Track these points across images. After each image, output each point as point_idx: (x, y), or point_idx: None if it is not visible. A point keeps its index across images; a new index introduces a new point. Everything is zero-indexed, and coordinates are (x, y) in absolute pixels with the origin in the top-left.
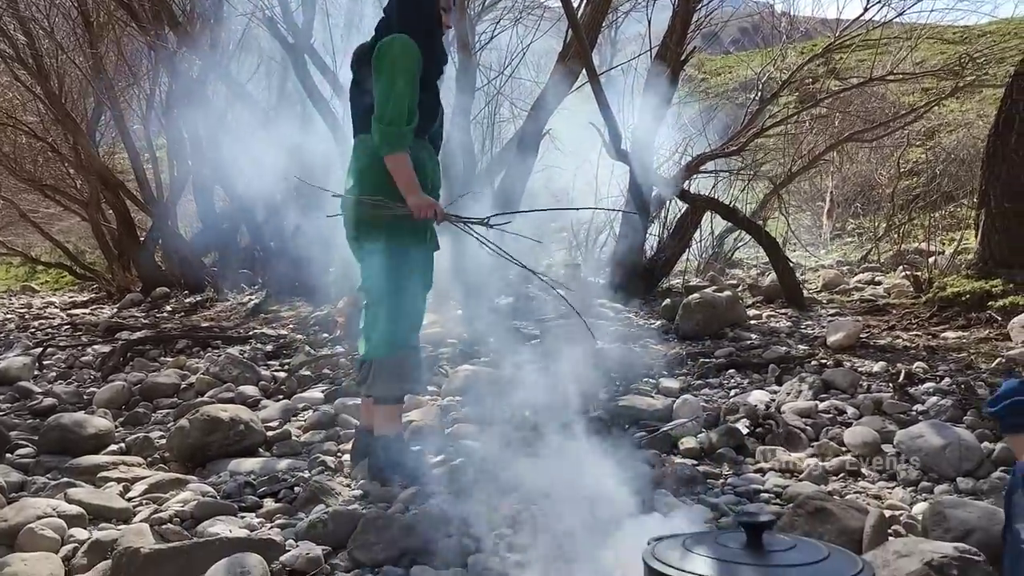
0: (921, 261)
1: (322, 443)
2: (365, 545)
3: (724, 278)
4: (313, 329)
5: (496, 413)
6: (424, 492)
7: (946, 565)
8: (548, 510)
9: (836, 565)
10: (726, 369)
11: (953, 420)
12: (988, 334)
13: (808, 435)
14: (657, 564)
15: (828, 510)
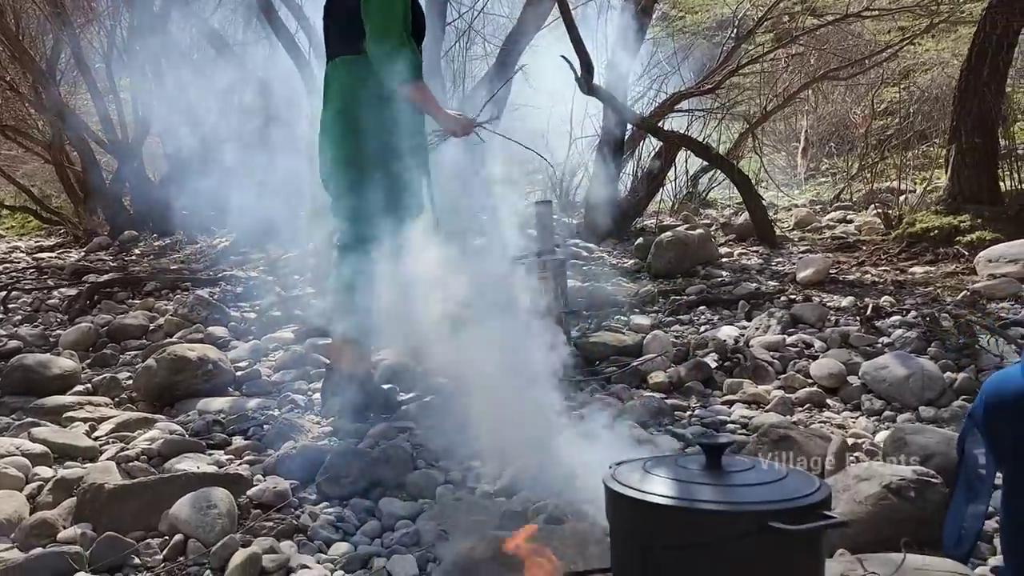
0: (892, 199)
1: (292, 382)
2: (333, 479)
3: (698, 218)
4: (284, 271)
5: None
6: (394, 428)
7: (904, 487)
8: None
9: (793, 483)
10: (697, 306)
11: (918, 351)
12: (955, 268)
13: (775, 368)
14: (617, 486)
15: (791, 438)
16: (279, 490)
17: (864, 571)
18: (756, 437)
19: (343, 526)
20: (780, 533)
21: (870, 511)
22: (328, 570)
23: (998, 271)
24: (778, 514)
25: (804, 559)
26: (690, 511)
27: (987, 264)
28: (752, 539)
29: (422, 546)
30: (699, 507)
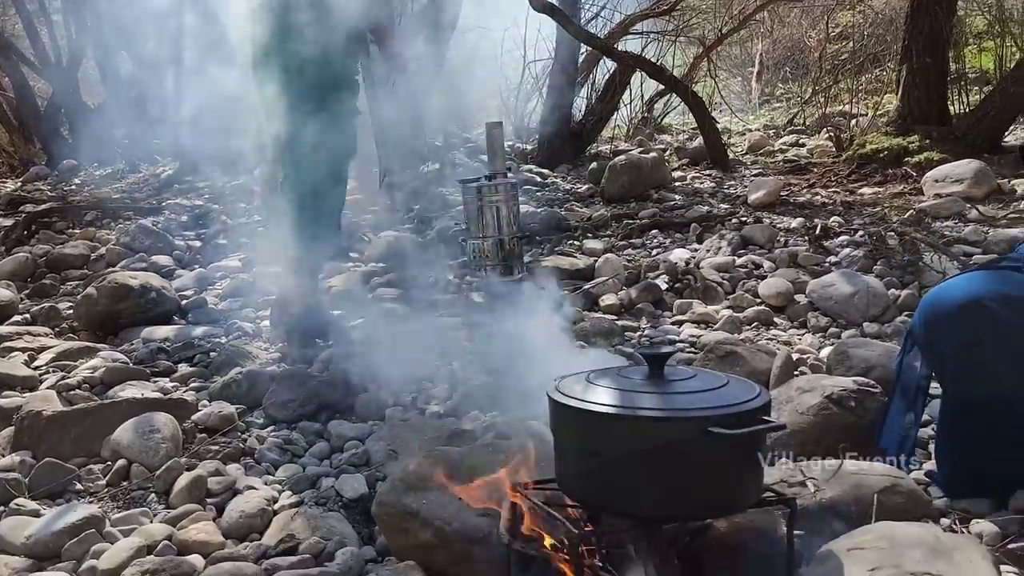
0: (844, 123)
1: (240, 310)
2: (280, 402)
3: (653, 143)
4: (230, 199)
5: (418, 277)
6: (343, 353)
7: (844, 397)
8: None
9: (733, 390)
10: (649, 229)
11: (864, 270)
12: (903, 189)
13: (725, 288)
14: (560, 397)
15: (738, 354)
16: (225, 414)
17: (803, 476)
18: (703, 354)
19: (291, 448)
20: (720, 437)
21: (812, 421)
22: (276, 491)
23: (944, 191)
24: (718, 419)
25: (744, 462)
26: (632, 418)
27: (934, 184)
28: (693, 444)
29: (371, 466)
30: (640, 414)
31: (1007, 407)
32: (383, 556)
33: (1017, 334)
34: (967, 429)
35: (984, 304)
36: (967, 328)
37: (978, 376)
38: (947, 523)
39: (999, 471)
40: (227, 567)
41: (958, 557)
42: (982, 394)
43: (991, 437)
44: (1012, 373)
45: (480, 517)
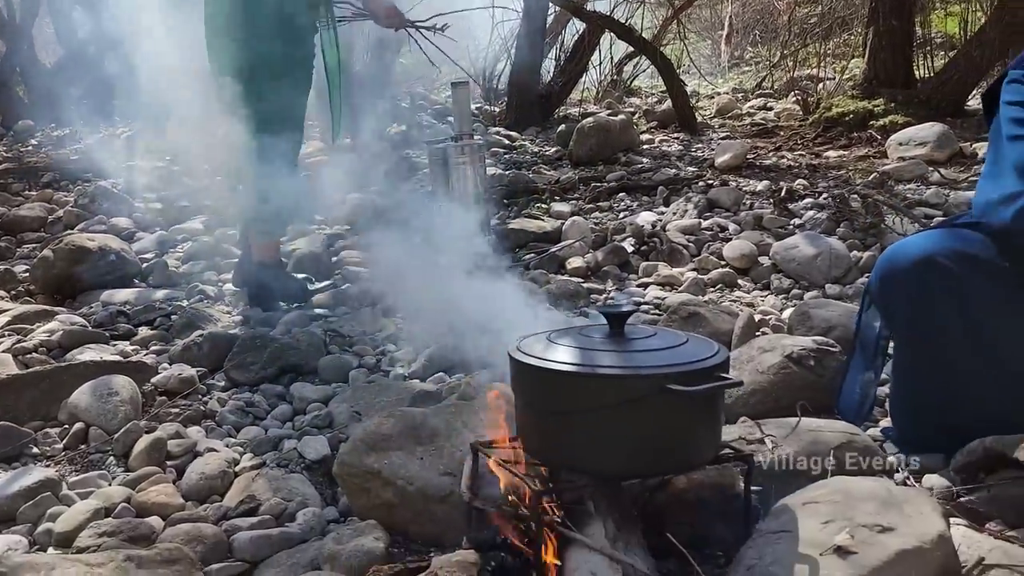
0: (812, 86)
1: (201, 273)
2: (242, 365)
3: (622, 106)
4: (191, 160)
5: (385, 240)
6: (306, 315)
7: (804, 356)
8: (432, 323)
9: (692, 348)
10: (617, 192)
11: (827, 232)
12: (868, 152)
13: (690, 251)
14: (520, 356)
15: (701, 314)
16: (185, 377)
17: (762, 434)
18: (667, 315)
19: (253, 411)
20: (678, 394)
21: (772, 380)
22: (237, 453)
23: (907, 154)
24: (675, 376)
25: (702, 419)
26: (591, 376)
27: (897, 147)
28: (651, 401)
29: (334, 427)
30: (600, 372)
31: (956, 364)
32: (345, 517)
33: (968, 291)
34: (918, 386)
35: (937, 261)
36: (919, 285)
37: (929, 333)
38: (901, 478)
39: (949, 428)
40: (186, 528)
41: (908, 509)
42: (932, 351)
43: (941, 394)
44: (961, 331)
45: (442, 476)
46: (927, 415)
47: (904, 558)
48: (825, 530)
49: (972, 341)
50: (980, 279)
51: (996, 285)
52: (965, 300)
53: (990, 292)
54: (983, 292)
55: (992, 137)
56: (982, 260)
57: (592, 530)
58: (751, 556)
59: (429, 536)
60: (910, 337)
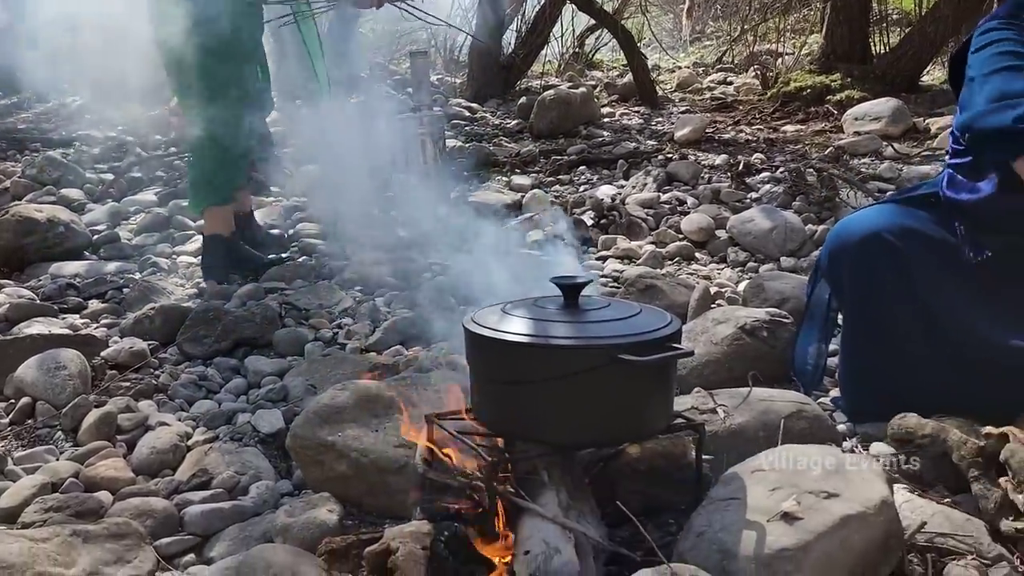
0: (771, 61)
1: (155, 245)
2: (195, 338)
3: (584, 79)
4: (144, 130)
5: (342, 212)
6: (262, 288)
7: (757, 328)
8: (392, 298)
9: (644, 319)
10: (578, 166)
11: (783, 206)
12: (824, 126)
13: (649, 224)
14: (474, 327)
15: (657, 287)
16: (136, 350)
17: (714, 404)
18: (624, 288)
19: (206, 384)
20: (629, 364)
21: (725, 351)
22: (190, 427)
23: (863, 128)
24: (627, 347)
25: (654, 388)
26: (544, 347)
27: (853, 122)
28: (604, 371)
29: (289, 401)
30: (552, 343)
31: (899, 337)
32: (300, 490)
33: (912, 267)
34: (865, 357)
35: (883, 237)
36: (865, 260)
37: (874, 307)
38: (849, 446)
39: (894, 398)
40: (135, 502)
41: (853, 476)
42: (877, 324)
43: (886, 365)
44: (905, 304)
45: (396, 448)
46: (873, 385)
47: (847, 523)
48: (773, 497)
49: (915, 315)
50: (924, 254)
51: (940, 261)
52: (909, 275)
53: (933, 268)
54: (927, 267)
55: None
56: (927, 236)
57: (545, 499)
58: (701, 523)
59: (384, 508)
60: (857, 310)
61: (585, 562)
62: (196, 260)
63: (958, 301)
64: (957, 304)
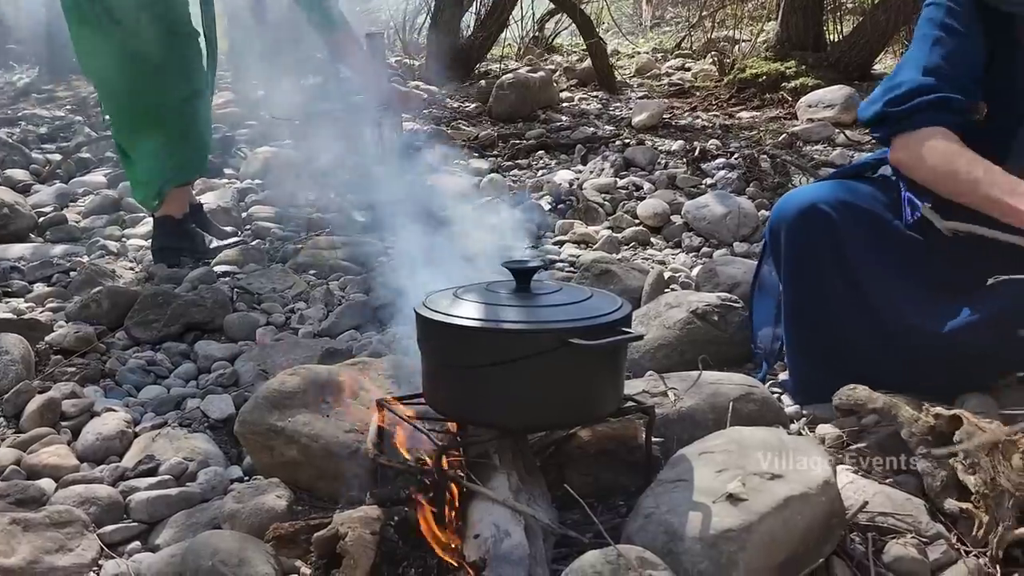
0: (728, 48)
1: (104, 228)
2: (144, 322)
3: (543, 63)
4: (95, 110)
5: (297, 195)
6: (213, 272)
7: (708, 312)
8: (345, 282)
9: (595, 303)
10: (536, 150)
11: (737, 191)
12: (779, 113)
13: (606, 209)
14: (426, 312)
15: (612, 272)
16: (82, 335)
17: (665, 387)
18: (580, 272)
19: (154, 369)
20: (580, 348)
21: (677, 334)
22: (137, 413)
23: (816, 115)
24: (578, 331)
25: (605, 372)
26: (495, 331)
27: (807, 109)
28: (554, 355)
29: (240, 386)
30: (503, 327)
31: (837, 313)
32: (250, 475)
33: (847, 240)
34: (806, 334)
35: (820, 208)
36: (803, 234)
37: (811, 281)
38: (796, 428)
39: (837, 379)
40: (79, 490)
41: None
42: (816, 299)
43: (826, 342)
44: (840, 279)
45: (347, 433)
46: (818, 365)
47: (790, 503)
48: (719, 478)
49: (851, 290)
50: (860, 228)
51: (875, 235)
52: (844, 249)
53: (869, 242)
54: (862, 241)
55: None
56: (864, 210)
57: (496, 483)
58: (649, 504)
59: (335, 493)
60: (796, 285)
61: (535, 545)
62: (146, 243)
63: (890, 280)
64: (890, 285)
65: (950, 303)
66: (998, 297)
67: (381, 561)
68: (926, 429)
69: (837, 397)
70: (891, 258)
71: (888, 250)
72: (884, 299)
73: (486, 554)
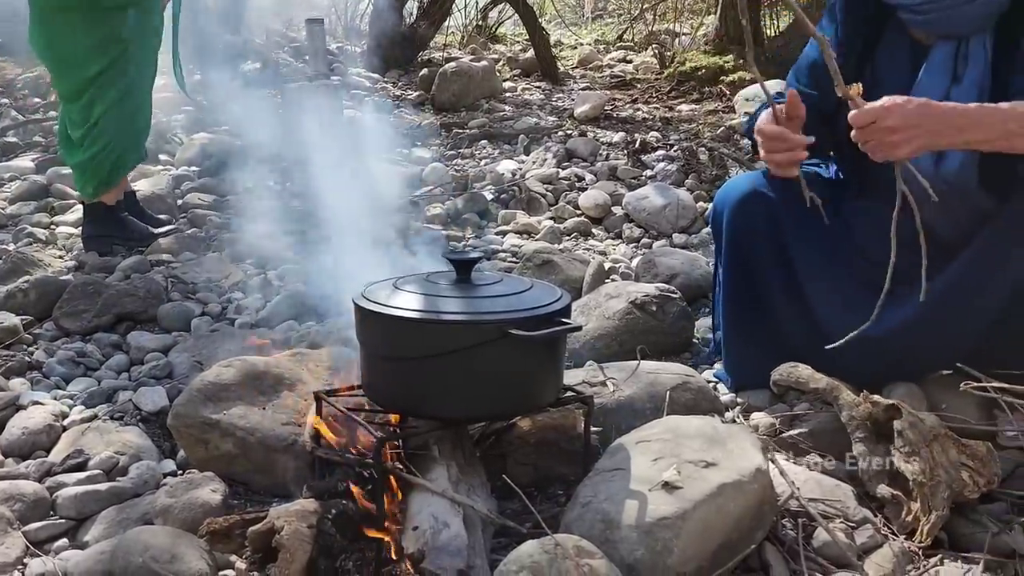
0: (669, 41)
1: (31, 215)
2: (73, 313)
3: (487, 52)
4: (22, 92)
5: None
6: (147, 261)
7: (647, 302)
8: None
9: (535, 294)
10: (479, 140)
11: (676, 183)
12: (717, 106)
13: (548, 200)
14: (364, 303)
15: (554, 262)
16: (8, 326)
17: (604, 377)
18: (522, 263)
19: (85, 361)
20: (519, 339)
21: (617, 325)
22: (66, 406)
23: (753, 109)
24: (517, 322)
25: (544, 362)
26: (434, 323)
27: (744, 103)
28: (494, 346)
29: (174, 378)
30: (442, 318)
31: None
32: (184, 469)
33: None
34: (742, 323)
35: (762, 195)
36: (744, 218)
37: (749, 266)
38: (731, 416)
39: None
40: (3, 486)
41: (732, 446)
42: (751, 287)
43: (761, 331)
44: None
45: (284, 426)
46: (750, 346)
47: (724, 491)
48: (655, 467)
49: (786, 277)
50: (798, 218)
51: (810, 227)
52: (783, 236)
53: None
54: (799, 231)
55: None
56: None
57: (435, 474)
58: (587, 494)
59: (272, 486)
60: (734, 269)
61: (473, 535)
62: (77, 231)
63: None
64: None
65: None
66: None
67: (318, 555)
68: (865, 415)
69: (777, 373)
70: (824, 251)
71: (822, 242)
72: (816, 290)
73: (424, 546)
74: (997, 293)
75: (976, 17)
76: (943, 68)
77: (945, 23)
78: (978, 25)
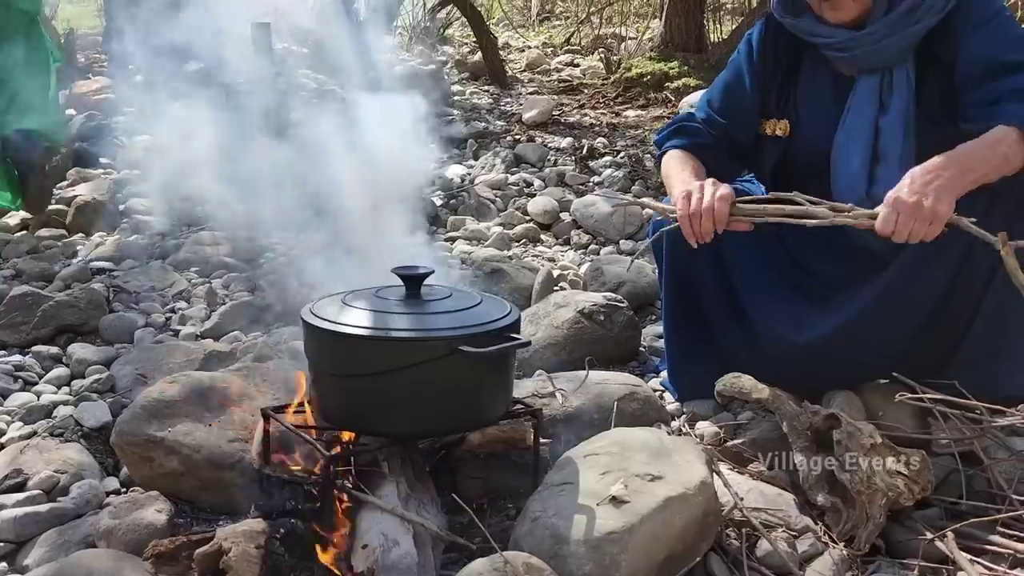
0: (615, 45)
1: None
2: (10, 324)
3: (434, 54)
4: None
5: (178, 187)
6: (88, 270)
7: (595, 312)
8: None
9: (485, 309)
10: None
11: (623, 190)
12: (663, 113)
13: (497, 206)
14: (313, 319)
15: (503, 271)
16: None
17: (553, 388)
18: (471, 271)
19: (23, 375)
20: (468, 356)
21: (565, 334)
22: (4, 422)
23: None
24: (466, 338)
25: (494, 377)
26: (383, 340)
27: (688, 109)
28: (443, 362)
29: (117, 392)
30: (392, 335)
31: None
32: (128, 487)
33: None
34: (684, 332)
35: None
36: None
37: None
38: (677, 426)
39: (706, 371)
40: None
41: (677, 458)
42: (691, 299)
43: (701, 341)
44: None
45: (231, 443)
46: (691, 357)
47: (670, 504)
48: (603, 481)
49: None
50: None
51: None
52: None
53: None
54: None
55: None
56: None
57: (385, 491)
58: (536, 508)
59: (219, 505)
60: (674, 280)
61: (424, 553)
62: (13, 237)
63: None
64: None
65: (809, 310)
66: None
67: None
68: (806, 424)
69: (720, 383)
70: (761, 263)
71: (759, 254)
72: (754, 302)
73: (374, 564)
74: (923, 301)
75: (898, 49)
76: (870, 99)
77: (869, 57)
78: (901, 56)
